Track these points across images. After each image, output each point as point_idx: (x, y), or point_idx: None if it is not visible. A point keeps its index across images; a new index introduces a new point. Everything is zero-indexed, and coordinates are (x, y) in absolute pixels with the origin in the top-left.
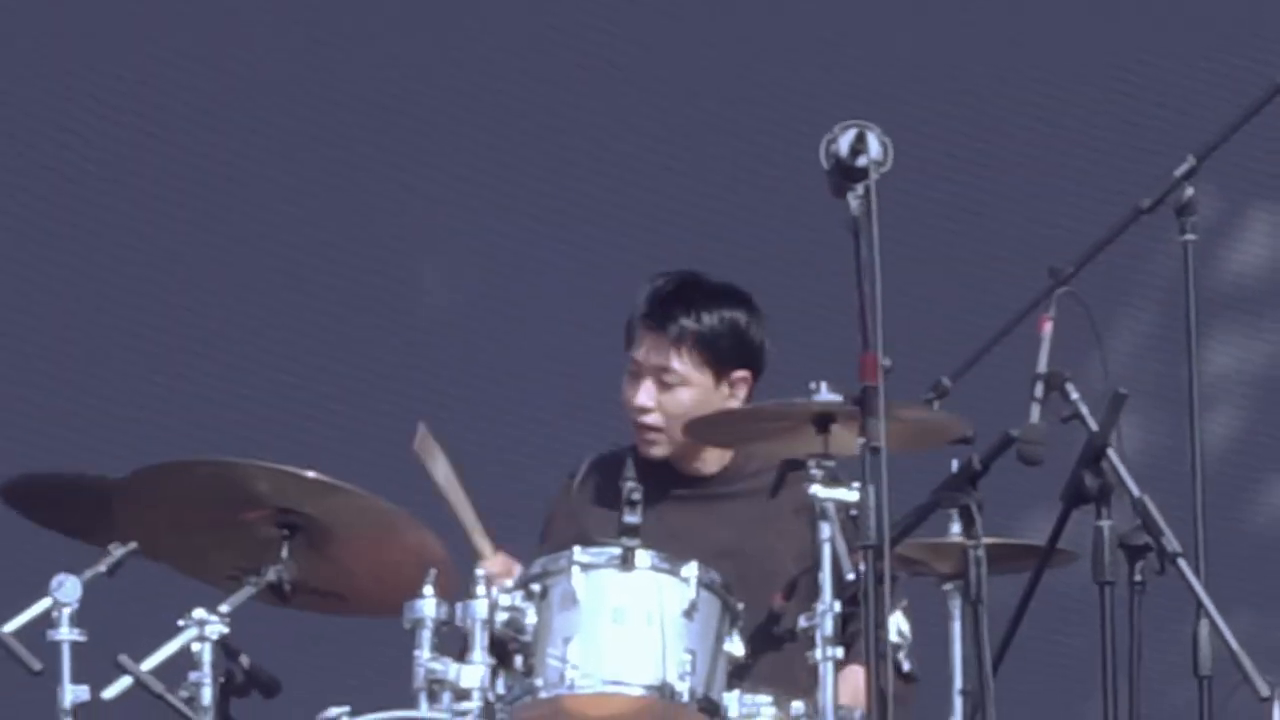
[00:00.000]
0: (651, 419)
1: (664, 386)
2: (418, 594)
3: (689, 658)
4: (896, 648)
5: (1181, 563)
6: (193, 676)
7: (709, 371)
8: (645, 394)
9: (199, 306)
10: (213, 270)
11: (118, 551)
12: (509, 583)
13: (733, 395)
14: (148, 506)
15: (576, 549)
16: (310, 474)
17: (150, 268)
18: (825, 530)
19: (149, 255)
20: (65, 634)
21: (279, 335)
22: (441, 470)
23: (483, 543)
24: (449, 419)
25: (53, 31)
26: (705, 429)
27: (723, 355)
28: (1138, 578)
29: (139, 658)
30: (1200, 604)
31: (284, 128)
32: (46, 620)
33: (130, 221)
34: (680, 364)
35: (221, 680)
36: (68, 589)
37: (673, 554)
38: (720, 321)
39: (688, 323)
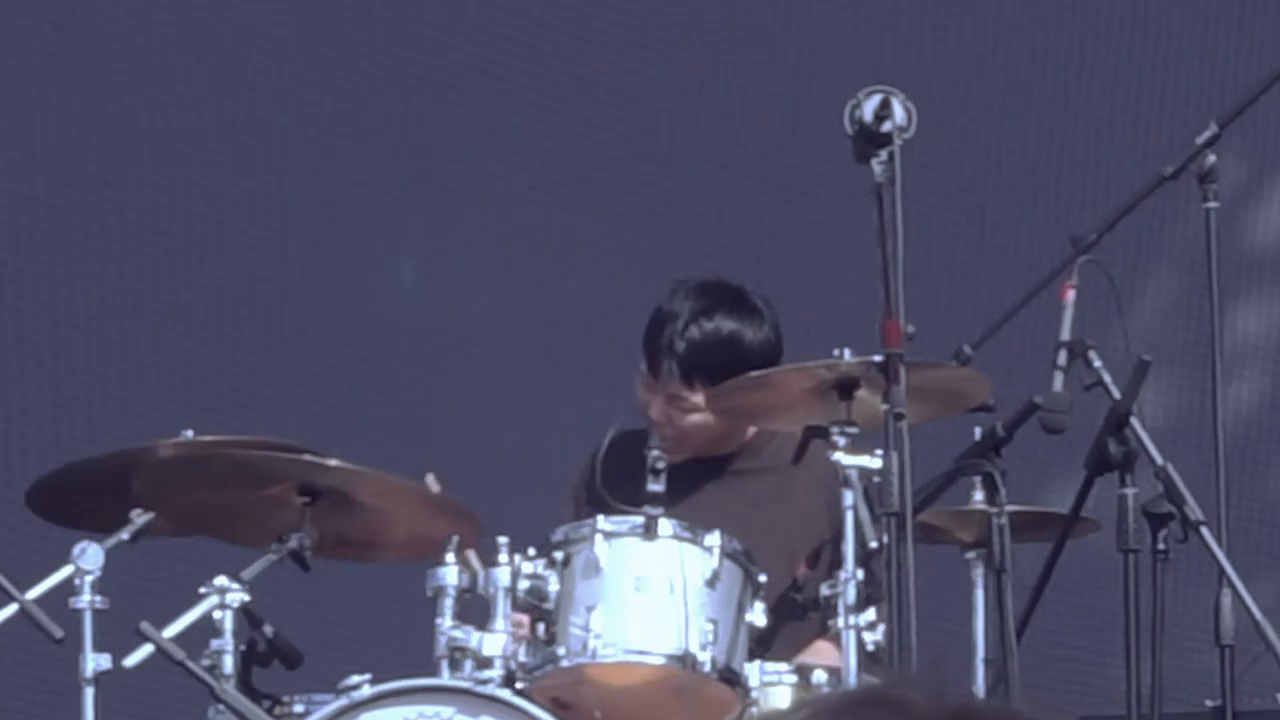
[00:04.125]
0: (669, 431)
1: (681, 412)
2: (443, 554)
3: (711, 627)
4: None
5: (1204, 531)
6: (214, 644)
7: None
8: (659, 412)
9: (175, 297)
10: (185, 264)
11: (140, 519)
12: None
13: None
14: (166, 488)
15: (600, 517)
16: (332, 462)
17: (125, 257)
18: (848, 498)
19: (122, 246)
20: (87, 601)
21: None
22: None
23: None
24: (430, 416)
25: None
26: (727, 399)
27: (709, 378)
28: (1161, 546)
29: (161, 625)
30: (1223, 572)
31: (265, 122)
32: (68, 587)
33: (100, 213)
34: (700, 398)
35: (243, 649)
36: (90, 556)
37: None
38: (715, 350)
39: (714, 373)
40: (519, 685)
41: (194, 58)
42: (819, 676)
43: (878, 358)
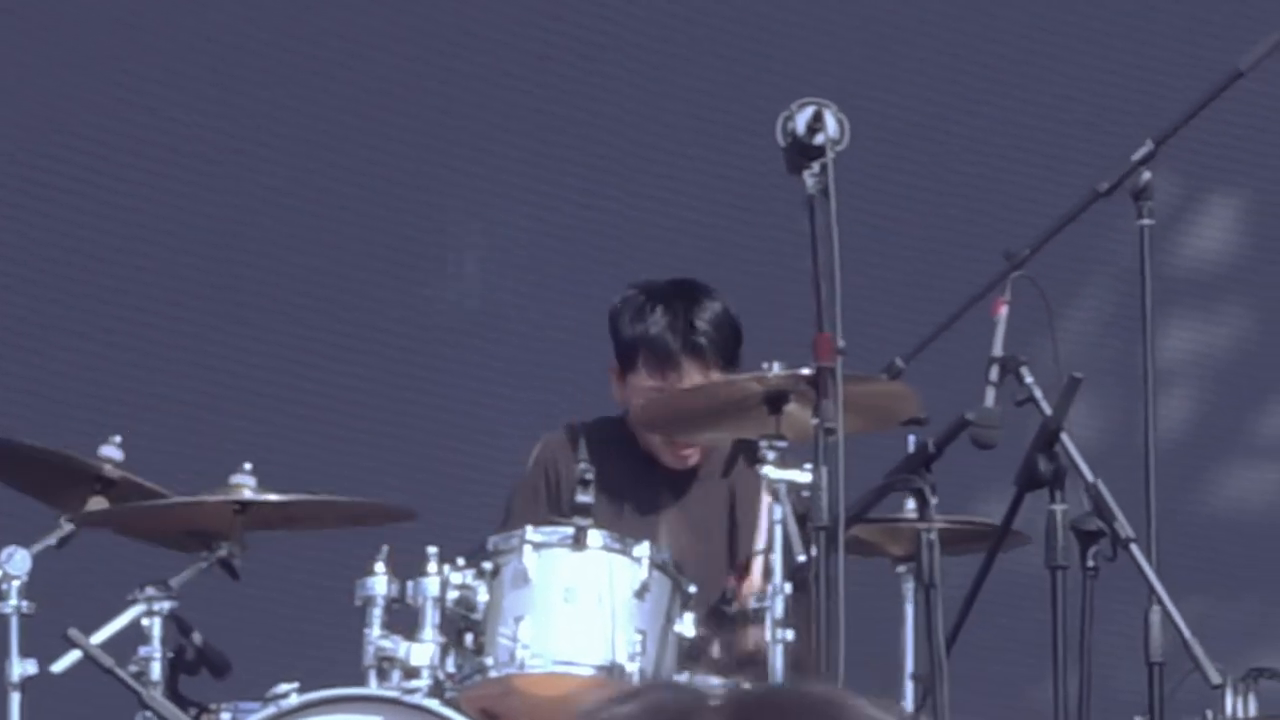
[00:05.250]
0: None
1: None
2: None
3: (639, 638)
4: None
5: (1134, 548)
6: (142, 651)
7: (726, 374)
8: None
9: (229, 294)
10: (237, 265)
11: (67, 525)
12: None
13: None
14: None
15: (529, 528)
16: (245, 494)
17: (165, 258)
18: (778, 512)
19: (163, 246)
20: (14, 606)
21: (299, 333)
22: None
23: None
24: (473, 412)
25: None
26: (658, 415)
27: (734, 356)
28: (1090, 563)
29: (89, 631)
30: (1152, 590)
31: (313, 122)
32: None
33: (147, 210)
34: (715, 378)
35: (171, 656)
36: (17, 561)
37: (640, 536)
38: (730, 327)
39: (714, 340)
40: (447, 695)
41: (228, 58)
42: None
43: (806, 370)
